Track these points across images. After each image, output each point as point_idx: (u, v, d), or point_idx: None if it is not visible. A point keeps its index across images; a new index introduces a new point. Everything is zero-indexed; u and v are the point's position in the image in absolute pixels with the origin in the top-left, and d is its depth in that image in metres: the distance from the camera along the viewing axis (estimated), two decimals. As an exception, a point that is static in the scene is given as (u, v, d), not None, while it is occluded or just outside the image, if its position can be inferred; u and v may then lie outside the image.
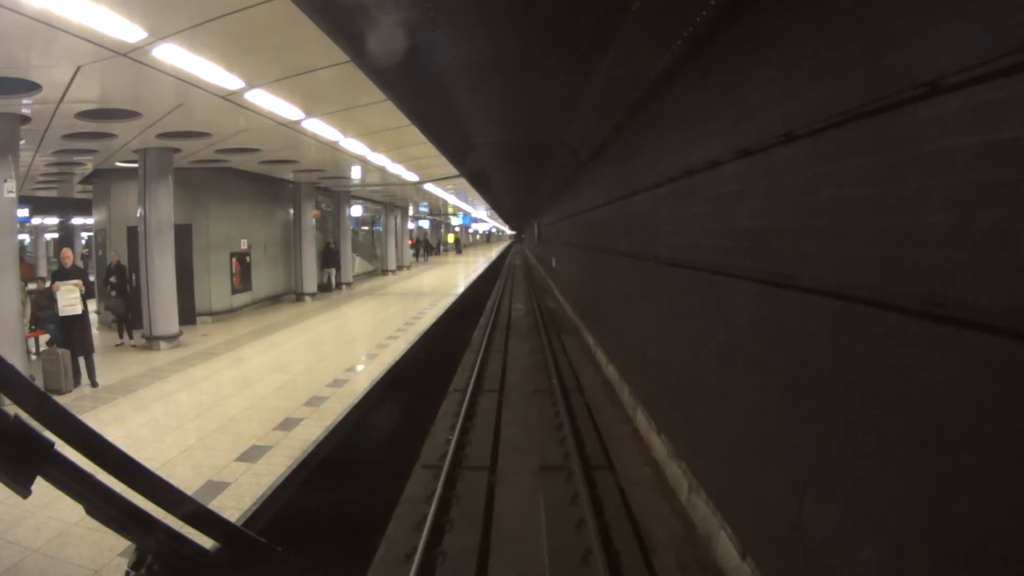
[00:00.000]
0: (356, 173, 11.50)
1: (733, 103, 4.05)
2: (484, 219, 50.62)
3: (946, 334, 1.89)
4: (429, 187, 15.35)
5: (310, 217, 13.02)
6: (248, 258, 11.37)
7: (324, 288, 14.68)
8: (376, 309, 12.20)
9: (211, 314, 10.26)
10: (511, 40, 5.15)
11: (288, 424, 4.92)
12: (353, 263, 17.57)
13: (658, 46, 4.73)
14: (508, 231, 71.71)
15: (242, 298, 11.20)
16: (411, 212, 29.31)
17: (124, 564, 0.71)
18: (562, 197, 16.89)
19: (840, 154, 2.68)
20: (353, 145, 8.17)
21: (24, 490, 0.58)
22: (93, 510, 0.65)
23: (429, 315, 11.02)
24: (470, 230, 59.55)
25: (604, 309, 9.35)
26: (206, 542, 0.73)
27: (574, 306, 14.07)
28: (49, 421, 0.61)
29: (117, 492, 0.65)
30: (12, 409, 0.60)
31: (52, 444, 0.61)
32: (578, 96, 6.88)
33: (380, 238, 21.32)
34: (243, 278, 11.21)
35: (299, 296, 13.04)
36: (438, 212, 31.82)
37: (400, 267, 22.71)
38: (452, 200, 24.30)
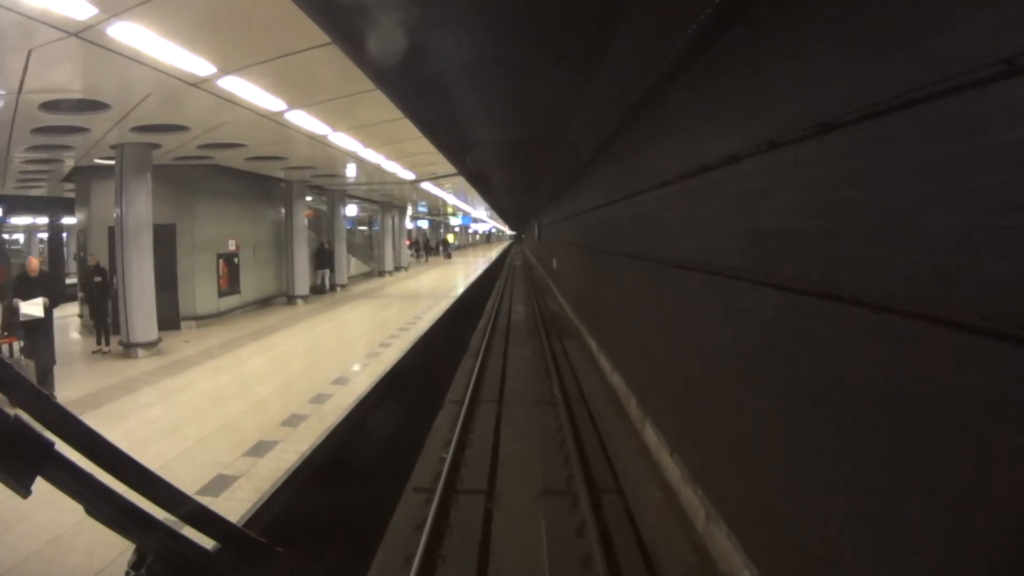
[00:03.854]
0: (349, 171, 11.02)
1: (756, 90, 3.61)
2: (484, 219, 50.17)
3: (1002, 351, 1.64)
4: (427, 186, 14.88)
5: (302, 216, 12.51)
6: (236, 259, 10.89)
7: (318, 290, 14.19)
8: (370, 313, 11.73)
9: (196, 318, 9.79)
10: (511, 35, 4.79)
11: (260, 449, 4.43)
12: (348, 264, 17.08)
13: (670, 31, 4.27)
14: (508, 231, 71.53)
15: (229, 301, 10.72)
16: (410, 212, 28.93)
17: (124, 564, 0.69)
18: (563, 197, 16.53)
19: (886, 145, 2.24)
20: (343, 140, 7.70)
21: (24, 490, 0.58)
22: (93, 510, 0.64)
23: (426, 319, 10.55)
24: (470, 230, 59.05)
25: (607, 313, 8.90)
26: (206, 542, 0.71)
27: (575, 308, 13.62)
28: (49, 421, 0.60)
29: (117, 492, 0.64)
30: (12, 409, 0.58)
31: (52, 444, 0.60)
32: (580, 92, 6.47)
33: (377, 238, 20.83)
34: (231, 280, 10.73)
35: (290, 299, 12.52)
36: (437, 212, 31.34)
37: (398, 268, 22.23)
38: (451, 200, 23.87)
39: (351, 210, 16.07)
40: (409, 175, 11.53)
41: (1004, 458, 1.59)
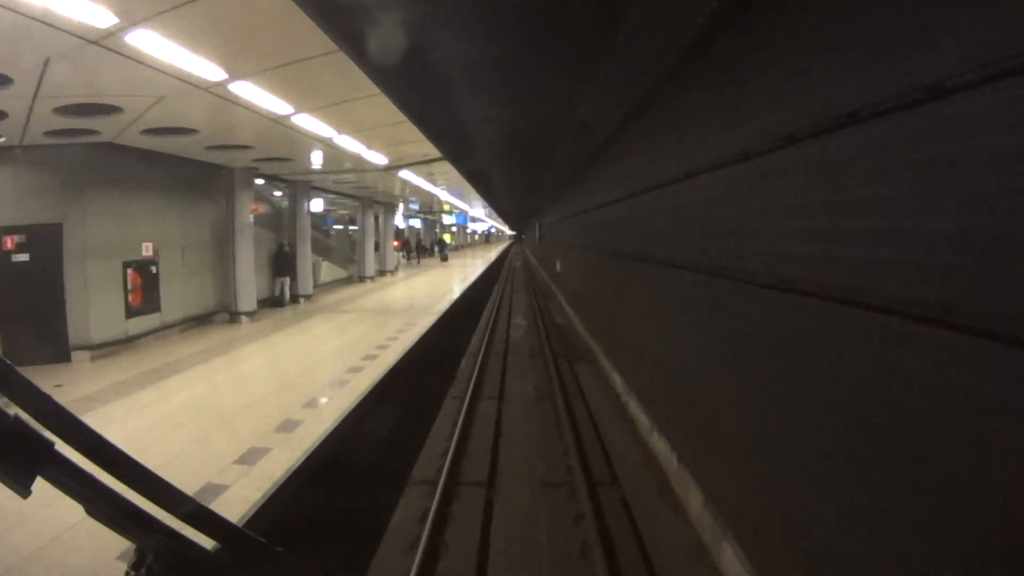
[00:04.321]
0: (298, 152, 8.57)
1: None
2: (482, 218, 47.87)
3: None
4: (408, 177, 12.45)
5: (246, 212, 10.02)
6: (154, 268, 8.46)
7: (276, 302, 11.74)
8: (331, 334, 9.29)
9: (91, 347, 7.38)
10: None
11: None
12: (319, 269, 14.62)
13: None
14: (508, 231, 70.16)
15: (144, 323, 8.28)
16: (401, 210, 26.60)
17: (124, 564, 0.68)
18: (568, 193, 14.54)
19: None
20: (257, 96, 5.28)
21: (24, 490, 0.58)
22: (93, 510, 0.64)
23: (402, 342, 8.17)
24: (468, 230, 56.62)
25: (636, 339, 6.53)
26: (206, 542, 0.70)
27: (586, 322, 11.25)
28: (49, 421, 0.60)
29: (117, 492, 0.64)
30: (12, 409, 0.58)
31: (52, 444, 0.60)
32: (599, 58, 4.49)
33: (359, 239, 18.33)
34: (146, 295, 8.29)
35: (233, 316, 10.08)
36: (430, 210, 28.86)
37: (384, 272, 19.80)
38: (444, 196, 21.50)
39: (316, 205, 13.54)
40: (378, 159, 9.10)
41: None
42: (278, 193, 14.15)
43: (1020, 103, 1.48)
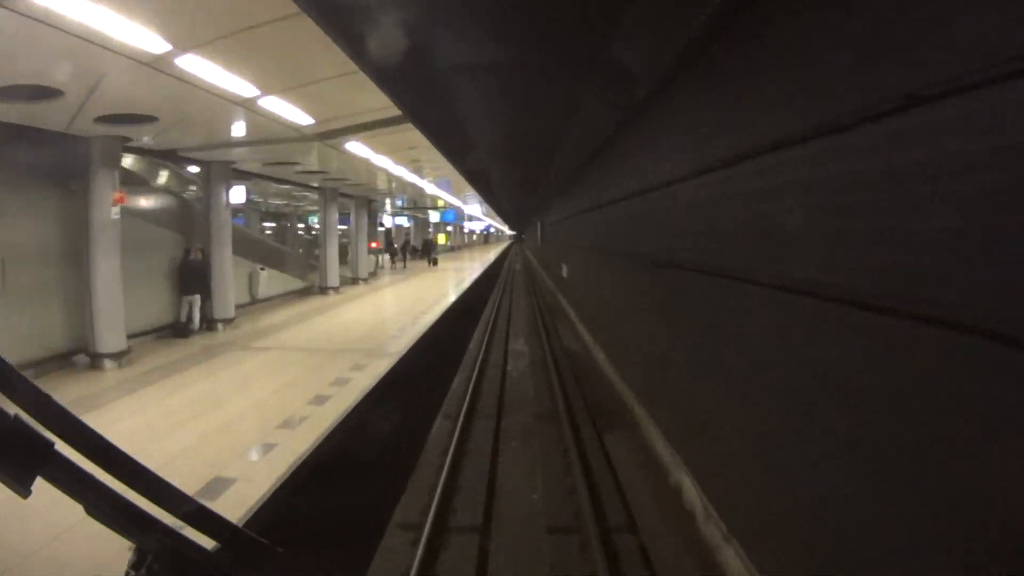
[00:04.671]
0: (149, 102, 5.19)
1: None
2: (480, 217, 44.73)
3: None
4: (364, 154, 9.24)
5: (107, 205, 6.78)
6: (-65, 293, 5.33)
7: (180, 331, 8.52)
8: (231, 392, 5.99)
9: None
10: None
11: None
12: (255, 280, 11.31)
13: None
14: (508, 231, 68.85)
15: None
16: (388, 207, 23.51)
17: (124, 564, 0.67)
18: (574, 190, 12.25)
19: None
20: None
21: (24, 490, 0.57)
22: (93, 510, 0.63)
23: (336, 403, 5.01)
24: (465, 230, 53.34)
25: (727, 413, 3.42)
26: (206, 542, 0.70)
27: (611, 355, 8.09)
28: (49, 421, 0.60)
29: (117, 492, 0.64)
30: (12, 409, 0.58)
31: (52, 444, 0.60)
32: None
33: (328, 241, 15.01)
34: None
35: (95, 359, 6.86)
36: (414, 205, 25.55)
37: (356, 279, 16.60)
38: (432, 190, 18.40)
39: (237, 194, 10.11)
40: (292, 113, 5.84)
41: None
42: (189, 184, 11.01)
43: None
